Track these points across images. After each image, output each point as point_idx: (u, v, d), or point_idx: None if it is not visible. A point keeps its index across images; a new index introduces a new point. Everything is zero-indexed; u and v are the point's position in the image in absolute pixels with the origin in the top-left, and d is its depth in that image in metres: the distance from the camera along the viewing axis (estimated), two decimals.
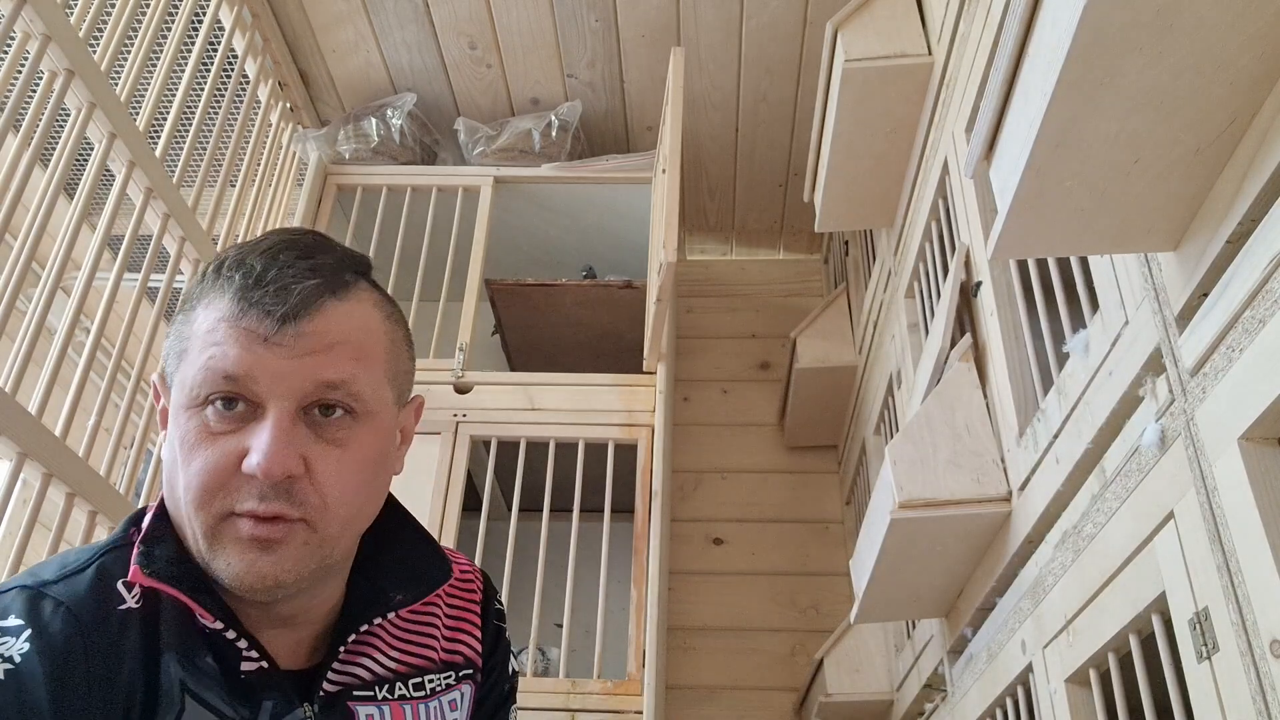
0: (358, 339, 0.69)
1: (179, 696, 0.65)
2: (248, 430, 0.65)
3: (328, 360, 0.66)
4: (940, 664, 1.63)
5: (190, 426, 0.66)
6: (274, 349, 0.65)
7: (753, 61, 2.52)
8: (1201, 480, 0.83)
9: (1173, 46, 0.66)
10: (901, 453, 1.34)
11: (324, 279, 0.68)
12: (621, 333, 2.58)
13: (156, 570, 0.66)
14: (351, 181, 2.57)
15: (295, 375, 0.65)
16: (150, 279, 1.99)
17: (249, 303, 0.66)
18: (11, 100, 1.61)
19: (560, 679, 1.96)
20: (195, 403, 0.66)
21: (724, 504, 2.71)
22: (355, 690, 0.74)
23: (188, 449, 0.66)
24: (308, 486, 0.66)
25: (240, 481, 0.65)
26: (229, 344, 0.65)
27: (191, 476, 0.65)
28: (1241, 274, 0.76)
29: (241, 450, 0.65)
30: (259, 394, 0.65)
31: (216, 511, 0.65)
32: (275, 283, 0.66)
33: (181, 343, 0.68)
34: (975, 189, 1.47)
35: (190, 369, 0.66)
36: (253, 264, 0.67)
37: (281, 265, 0.67)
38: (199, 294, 0.69)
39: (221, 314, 0.66)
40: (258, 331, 0.65)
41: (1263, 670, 0.74)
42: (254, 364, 0.65)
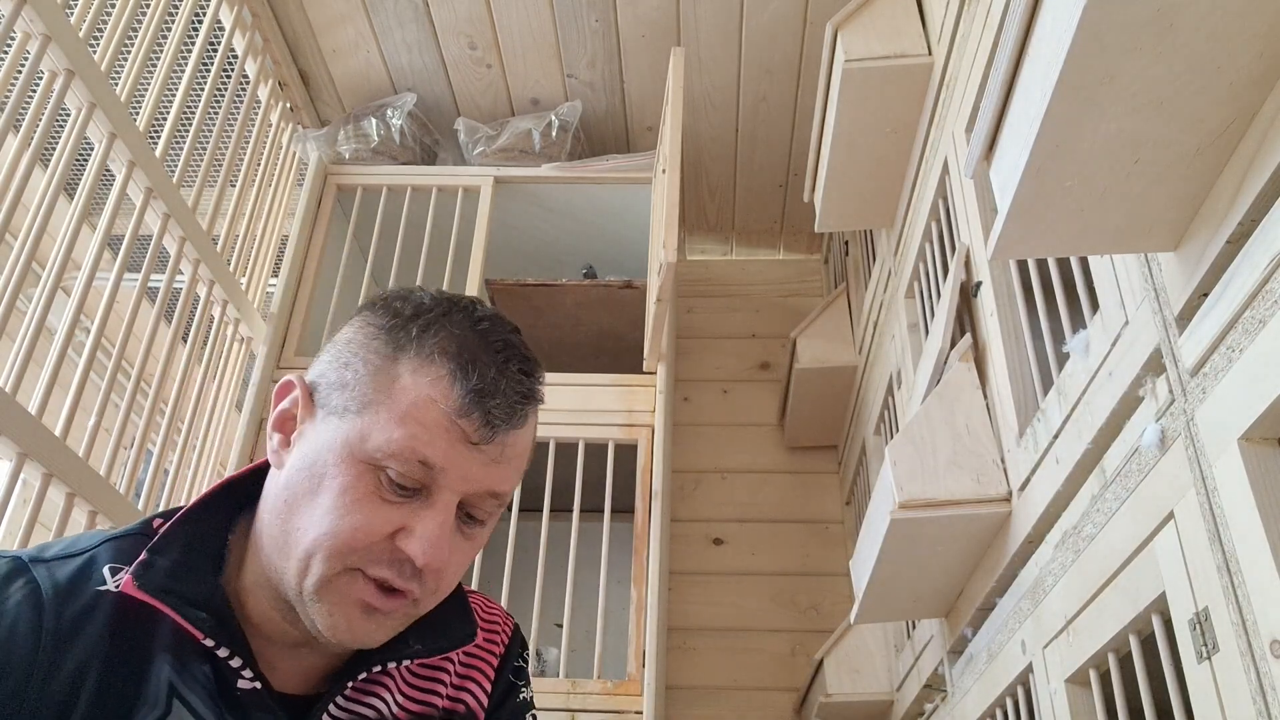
0: (526, 455, 0.73)
1: (165, 699, 0.65)
2: (410, 507, 0.67)
3: (506, 472, 0.70)
4: (940, 664, 1.63)
5: (360, 481, 0.66)
6: (475, 453, 0.67)
7: (753, 61, 2.52)
8: (1201, 480, 0.83)
9: (1173, 46, 0.66)
10: (901, 453, 1.34)
11: (535, 402, 0.71)
12: (621, 333, 2.58)
13: (149, 583, 0.66)
14: (351, 181, 2.57)
15: (479, 480, 0.68)
16: (150, 279, 1.99)
17: (479, 408, 0.67)
18: (11, 100, 1.61)
19: (560, 679, 1.96)
20: (373, 461, 0.66)
21: (724, 504, 2.71)
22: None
23: (350, 500, 0.66)
24: (434, 573, 0.68)
25: (385, 549, 0.66)
26: (438, 434, 0.66)
27: (341, 528, 0.66)
28: (1241, 274, 0.76)
29: (400, 523, 0.66)
30: (439, 484, 0.67)
31: (347, 565, 0.66)
32: (505, 397, 0.68)
33: (374, 390, 0.68)
34: (975, 189, 1.47)
35: (383, 429, 0.66)
36: (485, 364, 0.68)
37: (509, 378, 0.69)
38: (406, 350, 0.68)
39: (438, 399, 0.67)
40: (471, 436, 0.67)
41: (1263, 670, 0.74)
42: (454, 462, 0.66)
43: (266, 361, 2.29)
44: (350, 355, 0.70)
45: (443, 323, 0.70)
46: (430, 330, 0.69)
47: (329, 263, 2.53)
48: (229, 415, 2.31)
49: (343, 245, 2.64)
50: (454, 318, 0.70)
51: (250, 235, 2.43)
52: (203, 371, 2.21)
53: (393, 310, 0.71)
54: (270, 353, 2.30)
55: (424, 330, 0.69)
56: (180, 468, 2.13)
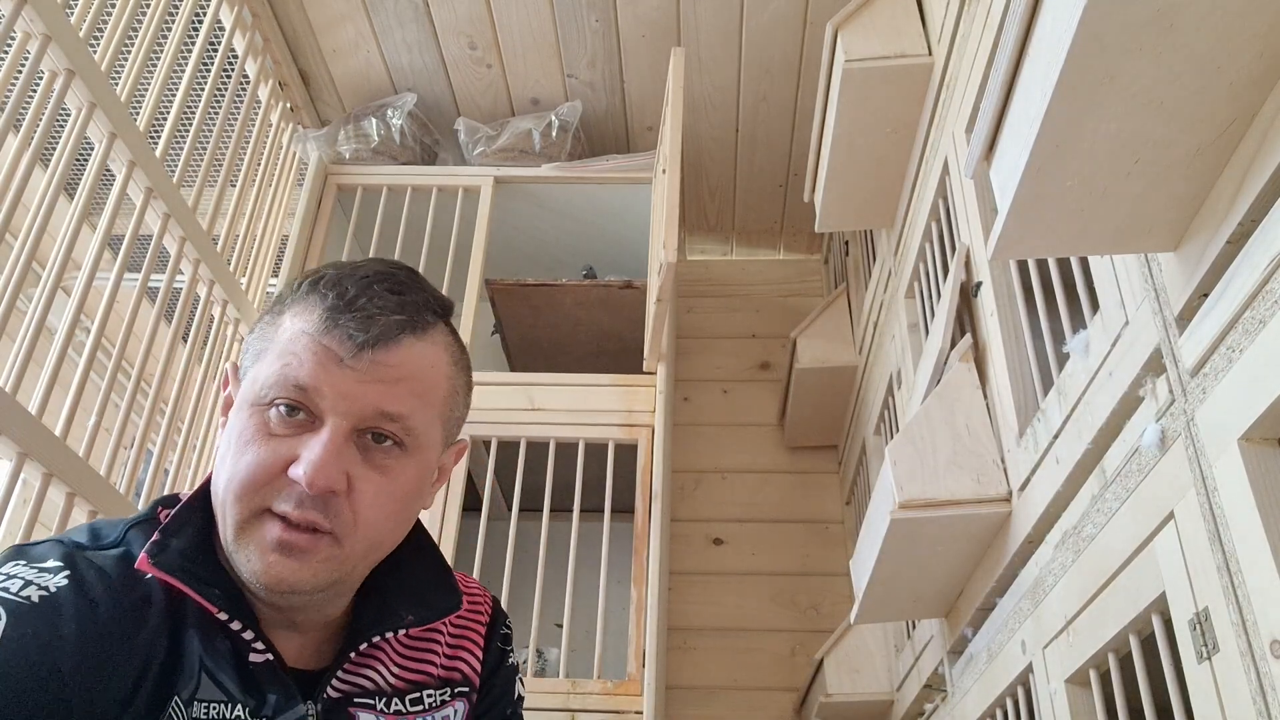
0: (424, 377, 0.73)
1: (197, 670, 0.68)
2: (302, 439, 0.69)
3: (393, 392, 0.70)
4: (940, 664, 1.63)
5: (251, 422, 0.69)
6: (346, 371, 0.69)
7: (753, 61, 2.52)
8: (1201, 481, 0.83)
9: (1173, 47, 0.66)
10: (901, 453, 1.34)
11: (407, 316, 0.72)
12: (621, 333, 2.58)
13: (165, 562, 0.69)
14: (352, 181, 2.58)
15: (359, 399, 0.69)
16: (150, 279, 1.99)
17: (335, 324, 0.69)
18: (12, 100, 1.61)
19: (560, 679, 1.96)
20: (261, 402, 0.69)
21: (724, 504, 2.71)
22: (357, 698, 0.76)
23: (243, 442, 0.69)
24: (344, 504, 0.69)
25: (283, 484, 0.68)
26: (306, 355, 0.69)
27: (239, 469, 0.68)
28: (1241, 274, 0.76)
29: (292, 455, 0.68)
30: (321, 408, 0.69)
31: (254, 506, 0.68)
32: (363, 311, 0.70)
33: (263, 342, 0.72)
34: (975, 189, 1.47)
35: (265, 369, 0.70)
36: (346, 287, 0.71)
37: (372, 295, 0.71)
38: (290, 302, 0.73)
39: (306, 327, 0.70)
40: (336, 351, 0.69)
41: (1263, 670, 0.74)
42: (325, 380, 0.68)
43: None
44: (256, 324, 0.76)
45: (323, 270, 0.74)
46: (313, 281, 0.73)
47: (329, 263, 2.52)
48: None
49: (343, 245, 2.64)
50: (336, 265, 0.75)
51: (250, 235, 2.43)
52: (203, 371, 2.21)
53: (293, 280, 0.76)
54: None
55: (309, 282, 0.73)
56: (180, 468, 2.13)
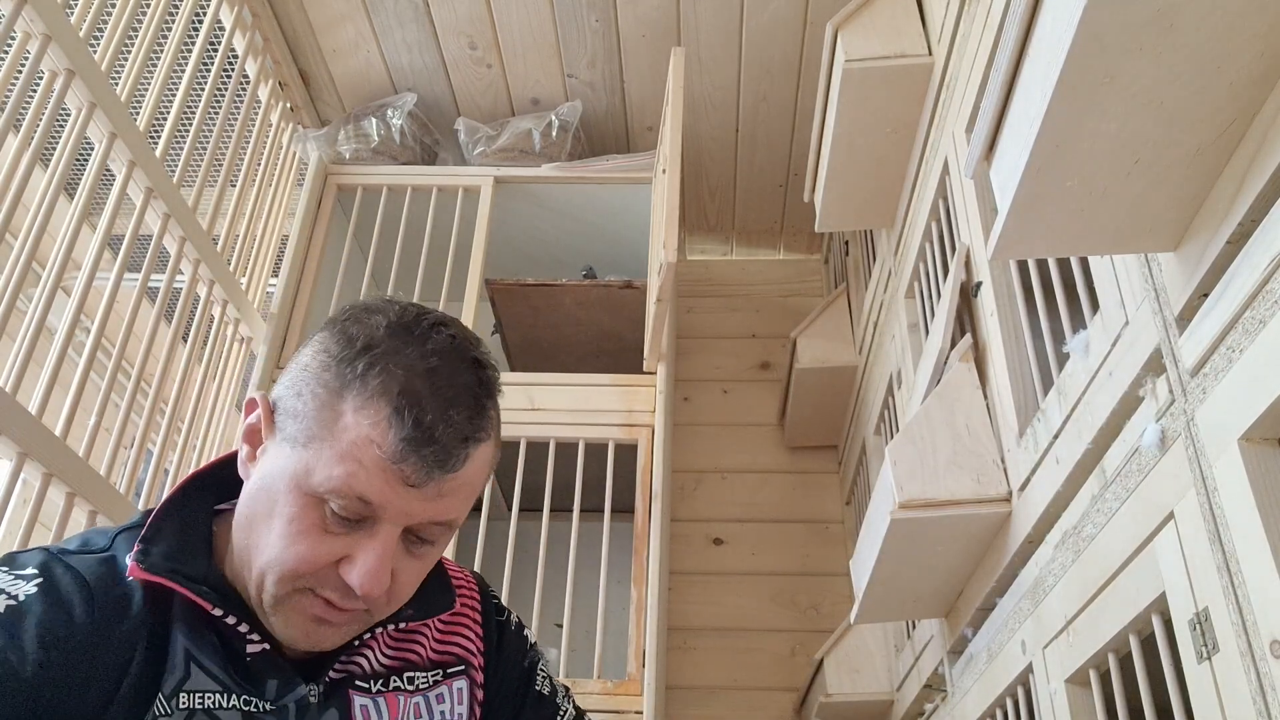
0: (476, 483, 0.74)
1: (183, 664, 0.70)
2: (355, 539, 0.70)
3: (452, 504, 0.72)
4: (940, 664, 1.63)
5: (305, 513, 0.69)
6: (413, 493, 0.69)
7: (753, 61, 2.52)
8: (1202, 481, 0.83)
9: (1173, 47, 0.66)
10: (901, 453, 1.34)
11: (480, 441, 0.72)
12: (621, 333, 2.58)
13: (152, 565, 0.70)
14: (352, 181, 2.57)
15: (422, 514, 0.70)
16: (150, 279, 1.99)
17: (414, 455, 0.68)
18: (12, 100, 1.61)
19: (560, 679, 1.96)
20: (317, 495, 0.69)
21: (724, 504, 2.71)
22: (356, 679, 0.80)
23: (294, 530, 0.69)
24: (384, 594, 0.72)
25: (330, 575, 0.70)
26: (375, 474, 0.68)
27: (288, 556, 0.70)
28: (1242, 274, 0.76)
29: (343, 552, 0.70)
30: (381, 517, 0.70)
31: (297, 586, 0.70)
32: (441, 443, 0.69)
33: (318, 425, 0.69)
34: (975, 189, 1.47)
35: (324, 466, 0.68)
36: (425, 409, 0.68)
37: (449, 422, 0.69)
38: (350, 387, 0.69)
39: (377, 440, 0.67)
40: (409, 479, 0.68)
41: (1263, 670, 0.74)
42: (391, 498, 0.69)
43: (266, 361, 2.29)
44: (303, 384, 0.71)
45: (390, 359, 0.70)
46: (376, 367, 0.69)
47: (329, 263, 2.53)
48: (229, 415, 2.31)
49: (343, 245, 2.63)
50: (404, 353, 0.70)
51: (250, 235, 2.43)
52: (203, 371, 2.21)
53: (347, 337, 0.71)
54: (270, 353, 2.30)
55: (370, 367, 0.69)
56: (180, 468, 2.13)
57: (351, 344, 0.71)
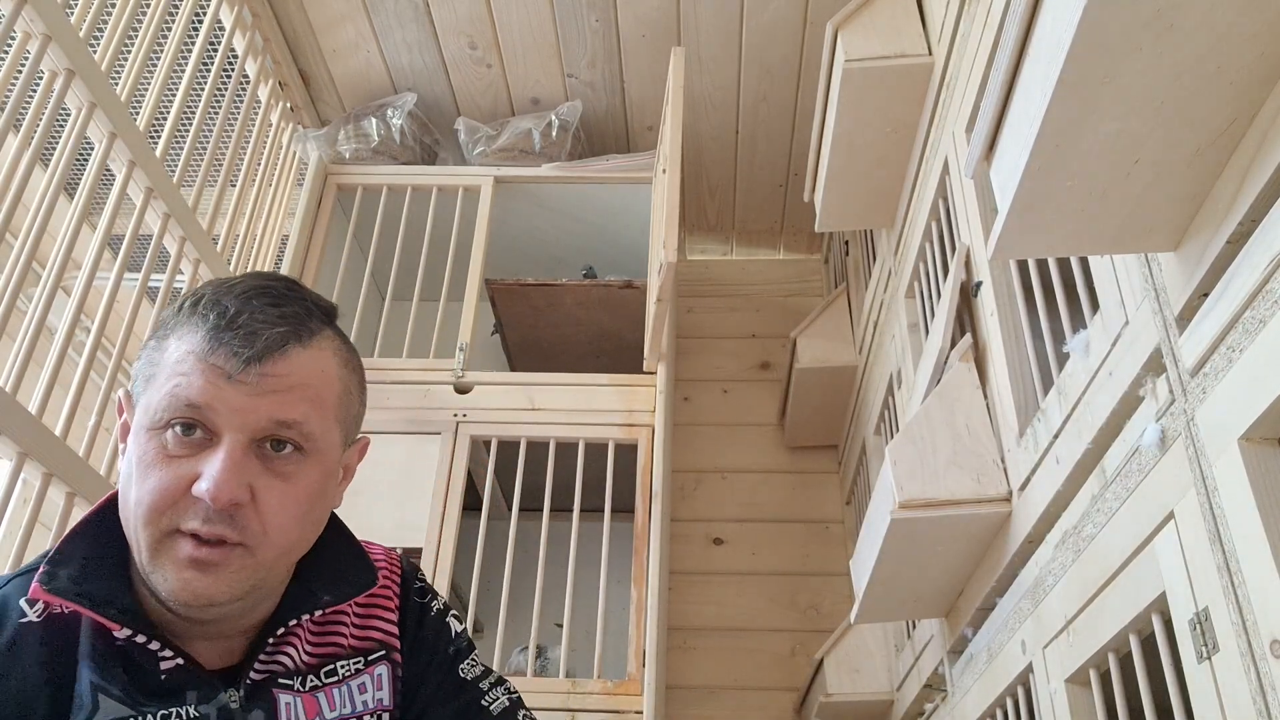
0: (315, 383, 0.75)
1: (90, 697, 0.70)
2: (202, 457, 0.70)
3: (285, 401, 0.72)
4: (940, 664, 1.63)
5: (149, 447, 0.71)
6: (237, 386, 0.70)
7: (753, 61, 2.52)
8: (1202, 480, 0.83)
9: (1173, 46, 0.66)
10: (901, 453, 1.34)
11: (290, 326, 0.74)
12: (621, 333, 2.58)
13: (58, 588, 0.70)
14: (352, 181, 2.57)
15: (252, 411, 0.71)
16: (150, 279, 1.99)
17: (219, 342, 0.71)
18: (12, 100, 1.61)
19: (560, 679, 1.96)
20: (156, 425, 0.71)
21: (724, 504, 2.71)
22: (280, 678, 0.79)
23: (144, 467, 0.71)
24: (251, 514, 0.71)
25: (189, 503, 0.70)
26: (195, 375, 0.70)
27: (144, 493, 0.70)
28: (1242, 274, 0.76)
29: (194, 474, 0.70)
30: (216, 424, 0.70)
31: (163, 528, 0.70)
32: (245, 326, 0.72)
33: (151, 368, 0.73)
34: (975, 189, 1.47)
35: (156, 394, 0.71)
36: (226, 305, 0.72)
37: (253, 310, 0.72)
38: (173, 325, 0.74)
39: (192, 348, 0.71)
40: (223, 368, 0.70)
41: (1263, 670, 0.74)
42: (216, 396, 0.70)
43: None
44: (143, 350, 0.76)
45: (201, 291, 0.75)
46: (188, 300, 0.75)
47: (329, 263, 2.53)
48: None
49: (343, 245, 2.63)
50: (213, 284, 0.75)
51: (250, 235, 2.43)
52: None
53: (178, 300, 0.77)
54: None
55: (190, 304, 0.74)
56: None
57: (179, 303, 0.76)
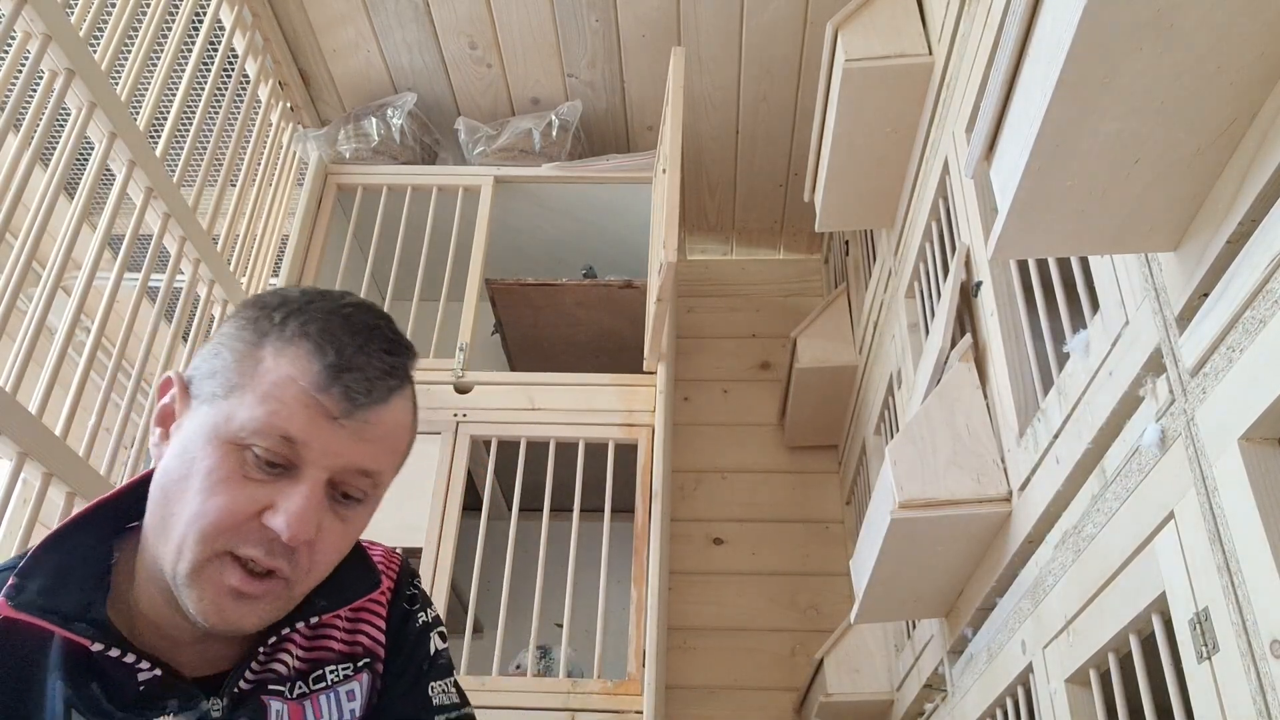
0: (397, 434, 0.74)
1: (64, 713, 0.67)
2: (278, 487, 0.68)
3: (373, 450, 0.71)
4: (940, 664, 1.63)
5: (225, 462, 0.68)
6: (337, 428, 0.69)
7: (753, 61, 2.52)
8: (1202, 480, 0.83)
9: (1173, 46, 0.66)
10: (902, 453, 1.34)
11: (398, 379, 0.73)
12: (621, 333, 2.58)
13: (24, 603, 0.67)
14: (352, 181, 2.57)
15: (343, 455, 0.69)
16: (150, 279, 1.99)
17: (334, 381, 0.69)
18: (12, 100, 1.61)
19: (560, 679, 1.96)
20: (238, 441, 0.68)
21: (724, 504, 2.71)
22: (270, 685, 0.77)
23: (213, 481, 0.67)
24: (305, 551, 0.70)
25: (252, 529, 0.68)
26: (298, 408, 0.68)
27: (209, 509, 0.67)
28: (1242, 274, 0.76)
29: (266, 502, 0.68)
30: (303, 459, 0.68)
31: (216, 548, 0.68)
32: (362, 371, 0.70)
33: (237, 375, 0.70)
34: (975, 189, 1.47)
35: (245, 410, 0.68)
36: (343, 343, 0.70)
37: (369, 354, 0.71)
38: (270, 338, 0.71)
39: (299, 377, 0.69)
40: (331, 410, 0.69)
41: (1263, 670, 0.74)
42: (314, 435, 0.68)
43: None
44: (220, 346, 0.73)
45: (306, 308, 0.72)
46: (294, 315, 0.72)
47: (329, 263, 2.53)
48: None
49: (343, 245, 2.63)
50: (317, 304, 0.73)
51: (250, 235, 2.43)
52: None
53: (262, 301, 0.74)
54: None
55: (287, 315, 0.71)
56: None
57: (266, 306, 0.73)
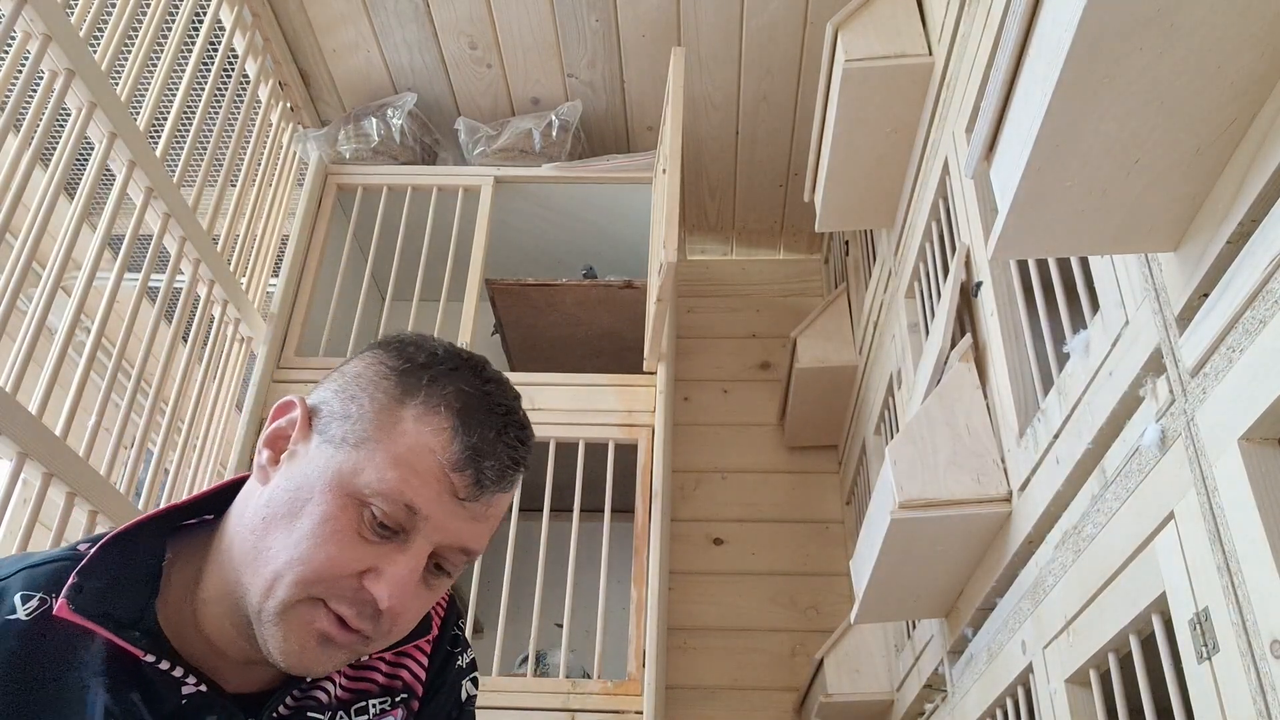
0: (501, 517, 0.75)
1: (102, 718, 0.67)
2: (385, 551, 0.68)
3: (480, 532, 0.72)
4: (940, 664, 1.63)
5: (343, 514, 0.68)
6: (459, 508, 0.70)
7: (753, 61, 2.52)
8: (1202, 480, 0.83)
9: (1174, 46, 0.66)
10: (902, 453, 1.34)
11: (524, 470, 0.74)
12: (621, 333, 2.58)
13: (84, 606, 0.67)
14: (352, 181, 2.57)
15: (455, 533, 0.70)
16: (150, 279, 1.99)
17: (471, 465, 0.69)
18: (12, 100, 1.61)
19: (560, 679, 1.96)
20: (360, 496, 0.68)
21: (724, 504, 2.71)
22: (310, 711, 0.77)
23: (327, 530, 0.67)
24: (390, 617, 0.70)
25: (351, 587, 0.68)
26: (430, 482, 0.68)
27: (315, 557, 0.67)
28: (1242, 274, 0.76)
29: (371, 563, 0.68)
30: (418, 531, 0.69)
31: (310, 594, 0.68)
32: (500, 459, 0.71)
33: (375, 429, 0.70)
34: (975, 189, 1.47)
35: (375, 468, 0.68)
36: (486, 426, 0.71)
37: (508, 442, 0.72)
38: (413, 396, 0.71)
39: (436, 448, 0.69)
40: (459, 491, 0.69)
41: (1263, 670, 0.74)
42: (437, 510, 0.69)
43: (266, 361, 2.29)
44: (357, 389, 0.72)
45: (452, 376, 0.72)
46: (439, 381, 0.71)
47: (329, 263, 2.53)
48: (229, 415, 2.31)
49: (343, 245, 2.63)
50: (463, 373, 0.73)
51: (250, 235, 2.43)
52: (203, 371, 2.21)
53: (406, 355, 0.73)
54: (270, 353, 2.30)
55: (433, 380, 0.71)
56: (180, 467, 2.13)
57: (411, 360, 0.73)
